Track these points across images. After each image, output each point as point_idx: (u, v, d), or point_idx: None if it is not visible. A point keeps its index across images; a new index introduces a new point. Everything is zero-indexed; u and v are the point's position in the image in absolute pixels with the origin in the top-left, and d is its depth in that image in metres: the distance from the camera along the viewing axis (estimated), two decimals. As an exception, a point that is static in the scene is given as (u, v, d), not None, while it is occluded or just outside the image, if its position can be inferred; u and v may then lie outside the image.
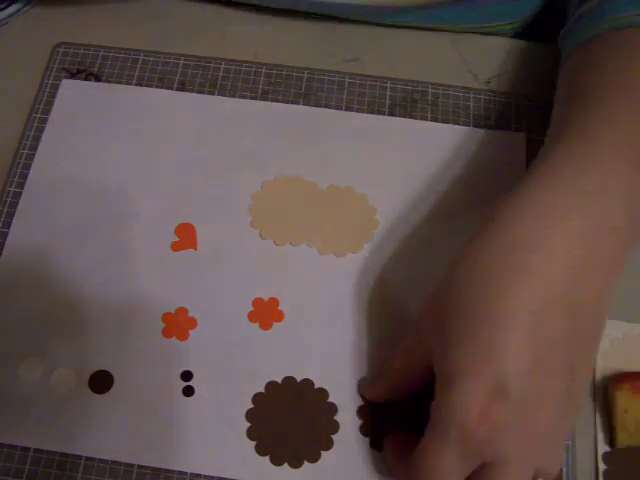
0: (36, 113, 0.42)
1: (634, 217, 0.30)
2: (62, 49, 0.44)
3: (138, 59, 0.44)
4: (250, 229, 0.39)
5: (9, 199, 0.39)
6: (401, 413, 0.34)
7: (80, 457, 0.34)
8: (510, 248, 0.29)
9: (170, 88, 0.43)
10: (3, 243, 0.38)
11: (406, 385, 0.33)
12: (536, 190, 0.30)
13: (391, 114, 0.42)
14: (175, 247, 0.38)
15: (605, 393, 0.35)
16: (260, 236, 0.39)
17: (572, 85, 0.35)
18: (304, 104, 0.42)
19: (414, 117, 0.42)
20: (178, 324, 0.36)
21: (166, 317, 0.37)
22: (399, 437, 0.33)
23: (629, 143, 0.30)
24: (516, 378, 0.27)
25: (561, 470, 0.34)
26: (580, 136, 0.31)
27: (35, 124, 0.41)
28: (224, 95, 0.42)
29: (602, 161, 0.30)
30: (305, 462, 0.34)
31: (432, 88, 0.43)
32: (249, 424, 0.35)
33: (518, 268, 0.28)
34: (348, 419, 0.35)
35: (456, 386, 0.28)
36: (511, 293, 0.28)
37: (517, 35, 0.46)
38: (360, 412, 0.35)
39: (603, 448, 0.35)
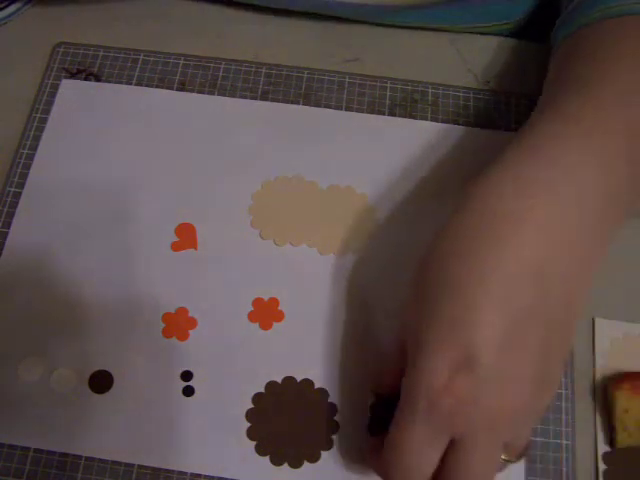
0: (36, 113, 0.42)
1: (614, 197, 0.30)
2: (62, 49, 0.44)
3: (138, 59, 0.44)
4: (250, 229, 0.39)
5: (9, 199, 0.39)
6: None
7: (80, 457, 0.34)
8: (488, 222, 0.28)
9: (170, 88, 0.43)
10: (3, 243, 0.38)
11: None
12: (519, 165, 0.30)
13: (391, 114, 0.42)
14: (175, 247, 0.38)
15: (605, 393, 0.35)
16: (260, 236, 0.39)
17: (560, 68, 0.35)
18: (304, 104, 0.42)
19: (414, 117, 0.42)
20: (178, 324, 0.36)
21: (166, 317, 0.37)
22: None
23: (612, 124, 0.30)
24: (484, 350, 0.26)
25: (528, 447, 0.33)
26: (563, 115, 0.31)
27: (35, 124, 0.41)
28: (224, 95, 0.42)
29: (583, 141, 0.30)
30: (305, 462, 0.34)
31: (432, 88, 0.43)
32: (249, 424, 0.35)
33: (495, 241, 0.28)
34: (348, 419, 0.35)
35: (424, 357, 0.27)
36: (485, 266, 0.27)
37: (515, 35, 0.46)
38: (363, 411, 0.35)
39: (603, 448, 0.35)
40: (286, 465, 0.34)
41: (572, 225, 0.29)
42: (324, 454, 0.34)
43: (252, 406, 0.35)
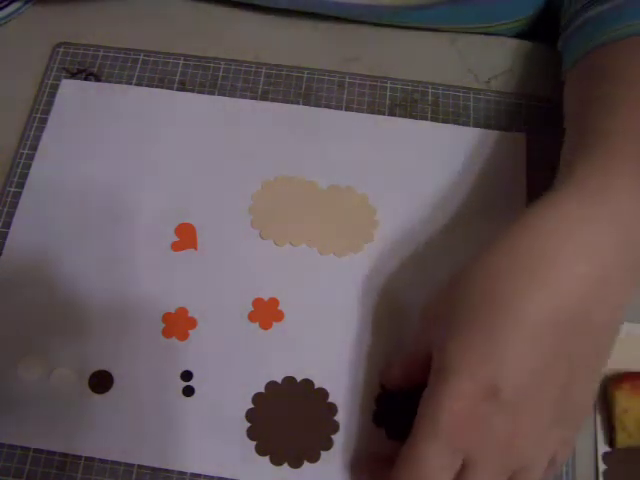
0: (36, 113, 0.41)
1: None
2: (62, 49, 0.44)
3: (138, 59, 0.44)
4: (250, 229, 0.39)
5: (9, 199, 0.39)
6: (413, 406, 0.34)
7: (80, 457, 0.34)
8: (532, 257, 0.29)
9: (170, 88, 0.43)
10: (3, 243, 0.38)
11: (415, 373, 0.33)
12: (564, 204, 0.30)
13: (391, 114, 0.42)
14: (175, 247, 0.38)
15: (605, 393, 0.35)
16: (260, 236, 0.39)
17: (580, 99, 0.35)
18: (304, 104, 0.42)
19: (414, 117, 0.42)
20: (178, 324, 0.36)
21: (166, 317, 0.37)
22: (374, 458, 0.33)
23: None
24: (510, 383, 0.27)
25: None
26: (599, 151, 0.31)
27: (35, 124, 0.41)
28: (224, 95, 0.42)
29: (621, 178, 0.30)
30: (305, 462, 0.34)
31: (432, 88, 0.43)
32: (249, 424, 0.35)
33: (536, 278, 0.28)
34: (348, 419, 0.35)
35: (450, 379, 0.28)
36: (524, 301, 0.28)
37: (516, 35, 0.46)
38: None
39: (603, 448, 0.35)
40: (286, 465, 0.34)
41: (611, 269, 0.29)
42: (324, 454, 0.34)
43: (252, 406, 0.35)
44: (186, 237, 0.38)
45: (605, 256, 0.28)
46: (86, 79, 0.43)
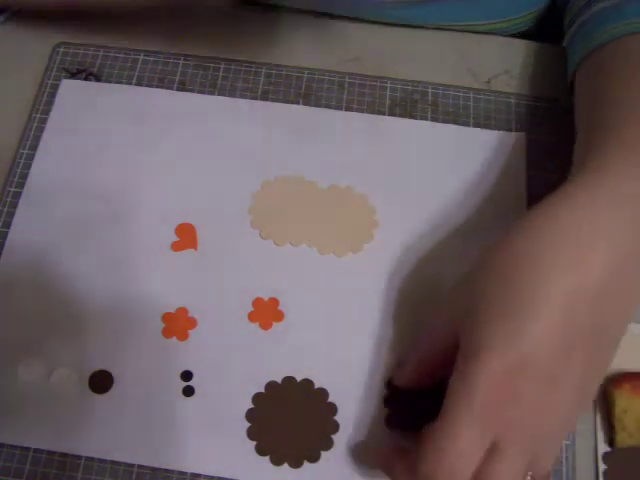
0: (36, 113, 0.42)
1: None
2: (62, 49, 0.44)
3: (138, 59, 0.44)
4: (250, 229, 0.39)
5: (9, 199, 0.39)
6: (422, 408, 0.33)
7: (80, 457, 0.34)
8: (553, 241, 0.29)
9: (170, 88, 0.43)
10: (3, 243, 0.38)
11: (431, 369, 0.33)
12: (580, 194, 0.30)
13: (391, 114, 0.42)
14: (175, 247, 0.38)
15: (605, 393, 0.35)
16: (260, 236, 0.39)
17: (587, 99, 0.36)
18: (304, 104, 0.42)
19: (414, 117, 0.42)
20: (178, 324, 0.36)
21: (166, 317, 0.37)
22: (387, 450, 0.33)
23: None
24: (541, 359, 0.28)
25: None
26: (622, 141, 0.31)
27: (35, 124, 0.41)
28: (224, 95, 0.42)
29: (630, 167, 0.30)
30: (305, 462, 0.34)
31: (432, 88, 0.43)
32: (249, 424, 0.35)
33: (563, 259, 0.29)
34: (348, 419, 0.35)
35: (482, 356, 0.28)
36: (553, 282, 0.28)
37: (517, 34, 0.46)
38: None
39: (603, 448, 0.35)
40: (286, 465, 0.34)
41: (634, 251, 0.29)
42: (324, 454, 0.34)
43: (252, 406, 0.35)
44: (186, 237, 0.38)
45: (625, 243, 0.29)
46: (86, 79, 0.43)
